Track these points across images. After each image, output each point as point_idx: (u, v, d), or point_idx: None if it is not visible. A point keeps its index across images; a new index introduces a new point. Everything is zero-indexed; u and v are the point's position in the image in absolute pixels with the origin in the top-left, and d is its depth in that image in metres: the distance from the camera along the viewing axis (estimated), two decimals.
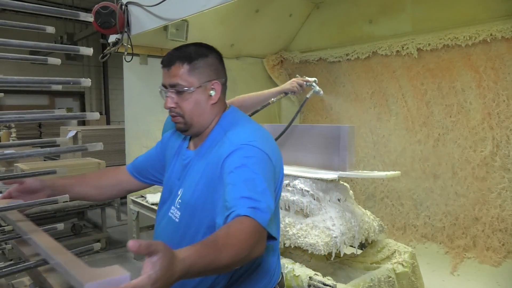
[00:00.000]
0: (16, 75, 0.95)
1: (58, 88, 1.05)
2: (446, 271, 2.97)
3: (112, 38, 3.17)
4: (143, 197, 3.68)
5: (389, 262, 2.24)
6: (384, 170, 3.62)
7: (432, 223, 3.34)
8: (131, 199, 3.78)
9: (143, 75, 3.76)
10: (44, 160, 5.30)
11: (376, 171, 3.50)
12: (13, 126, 7.57)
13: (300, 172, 2.24)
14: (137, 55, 3.60)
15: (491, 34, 2.86)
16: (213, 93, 1.15)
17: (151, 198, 3.56)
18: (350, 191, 2.35)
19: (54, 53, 7.22)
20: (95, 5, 2.93)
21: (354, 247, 2.23)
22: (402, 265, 2.21)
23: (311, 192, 2.16)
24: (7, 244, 1.14)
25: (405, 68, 3.46)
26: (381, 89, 3.68)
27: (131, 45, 3.10)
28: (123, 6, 2.95)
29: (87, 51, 1.03)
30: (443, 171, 3.27)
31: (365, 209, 2.41)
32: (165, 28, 3.41)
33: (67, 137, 5.51)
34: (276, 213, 1.21)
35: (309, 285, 1.96)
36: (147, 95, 3.75)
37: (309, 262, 2.30)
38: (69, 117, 1.09)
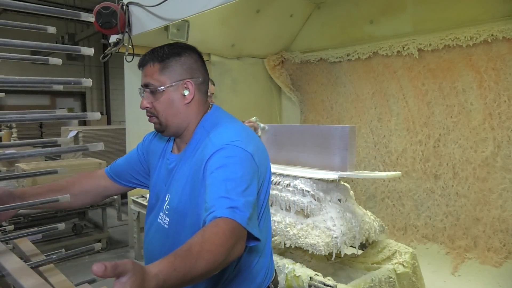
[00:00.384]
0: (17, 75, 0.95)
1: (59, 88, 1.05)
2: (447, 272, 2.97)
3: (113, 38, 3.17)
4: (144, 197, 3.67)
5: (390, 263, 2.24)
6: (385, 171, 3.62)
7: (433, 224, 3.34)
8: (132, 199, 3.78)
9: None
10: (45, 160, 5.31)
11: (377, 172, 3.51)
12: (14, 126, 7.58)
13: (301, 173, 2.24)
14: (138, 55, 3.59)
15: (492, 35, 2.85)
16: (187, 93, 1.13)
17: None
18: (351, 192, 2.35)
19: (55, 53, 7.23)
20: (96, 6, 2.94)
21: (355, 248, 2.22)
22: (403, 266, 2.21)
23: (312, 193, 2.16)
24: (8, 244, 1.15)
25: (406, 69, 3.45)
26: (382, 90, 3.68)
27: (132, 46, 3.10)
28: (124, 7, 2.95)
29: (88, 51, 1.03)
30: (444, 172, 3.27)
31: (366, 210, 2.41)
32: (166, 29, 3.41)
33: (68, 137, 5.52)
34: (266, 215, 1.17)
35: (310, 285, 1.96)
36: None
37: (310, 263, 2.30)
38: (70, 117, 1.09)
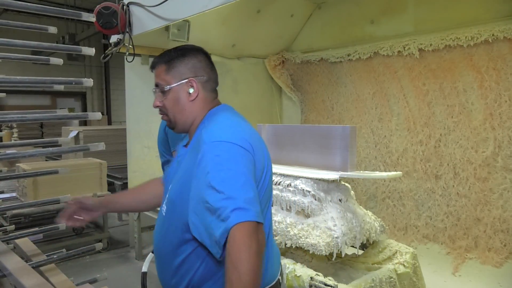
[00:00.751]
0: (18, 75, 0.96)
1: (60, 88, 1.05)
2: (448, 272, 2.97)
3: (114, 39, 3.17)
4: None
5: (391, 263, 2.24)
6: (386, 171, 3.61)
7: (434, 224, 3.33)
8: None
9: (145, 76, 3.75)
10: (46, 160, 5.31)
11: (378, 172, 3.51)
12: (15, 126, 7.59)
13: (302, 173, 2.24)
14: (139, 56, 3.61)
15: (493, 35, 2.85)
16: (192, 91, 1.22)
17: None
18: (352, 192, 2.35)
19: (56, 53, 7.24)
20: (97, 6, 2.94)
21: (356, 248, 2.22)
22: (404, 266, 2.20)
23: (313, 193, 2.16)
24: (9, 244, 1.15)
25: (407, 69, 3.45)
26: (383, 90, 3.67)
27: (133, 46, 3.10)
28: (125, 7, 2.95)
29: (89, 51, 1.03)
30: (445, 172, 3.27)
31: (367, 210, 2.41)
32: (167, 29, 3.41)
33: (69, 137, 5.52)
34: (267, 209, 1.21)
35: (310, 286, 1.96)
36: (149, 96, 3.69)
37: (310, 263, 2.30)
38: (71, 117, 1.09)
